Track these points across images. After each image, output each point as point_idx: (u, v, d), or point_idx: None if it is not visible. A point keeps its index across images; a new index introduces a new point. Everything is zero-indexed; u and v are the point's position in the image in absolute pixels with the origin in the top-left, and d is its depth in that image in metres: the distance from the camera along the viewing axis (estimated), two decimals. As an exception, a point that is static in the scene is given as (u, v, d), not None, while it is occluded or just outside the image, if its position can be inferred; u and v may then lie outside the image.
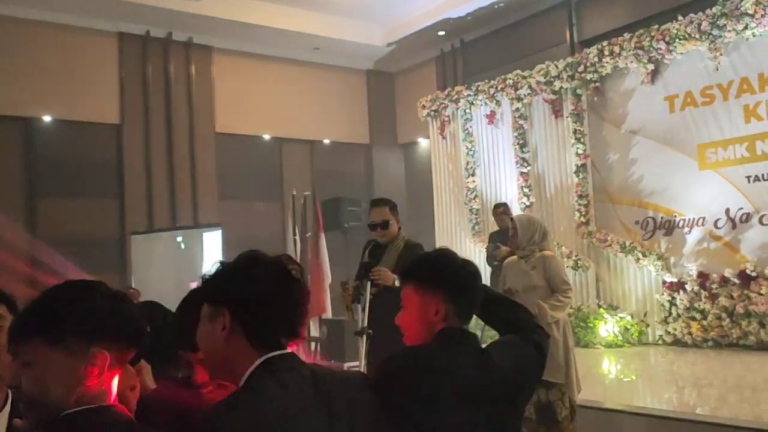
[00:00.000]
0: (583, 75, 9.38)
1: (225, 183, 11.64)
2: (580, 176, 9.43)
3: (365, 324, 3.58)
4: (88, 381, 1.30)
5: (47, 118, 10.29)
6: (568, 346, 4.35)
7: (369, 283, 3.77)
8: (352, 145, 13.35)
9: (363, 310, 3.68)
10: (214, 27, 11.11)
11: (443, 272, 1.89)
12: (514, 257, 4.67)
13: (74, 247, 10.10)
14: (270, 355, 1.47)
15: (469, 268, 1.93)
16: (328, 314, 8.37)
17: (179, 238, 9.41)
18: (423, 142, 13.04)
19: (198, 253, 9.05)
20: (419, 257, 2.02)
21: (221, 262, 1.57)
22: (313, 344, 7.92)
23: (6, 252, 9.67)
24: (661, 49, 8.49)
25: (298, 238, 8.68)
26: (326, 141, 13.00)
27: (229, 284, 1.51)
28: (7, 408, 1.88)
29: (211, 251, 8.97)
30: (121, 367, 1.38)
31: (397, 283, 3.95)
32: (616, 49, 8.98)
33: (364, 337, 3.55)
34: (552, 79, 9.68)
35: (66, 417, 1.29)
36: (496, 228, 8.56)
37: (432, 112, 11.56)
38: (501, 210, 7.98)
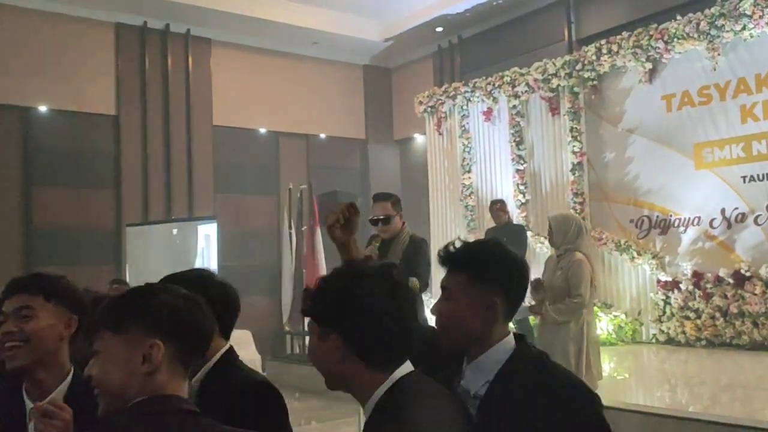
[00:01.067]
0: (580, 73, 9.40)
1: (221, 176, 11.62)
2: (576, 174, 9.45)
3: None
4: (146, 369, 1.38)
5: (44, 108, 10.24)
6: (582, 344, 4.36)
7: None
8: (348, 140, 13.33)
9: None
10: (212, 19, 11.07)
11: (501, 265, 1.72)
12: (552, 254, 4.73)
13: (70, 238, 10.09)
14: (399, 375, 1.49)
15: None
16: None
17: (175, 231, 9.39)
18: (419, 138, 13.03)
19: (193, 245, 9.03)
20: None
21: (323, 280, 1.56)
22: (307, 339, 7.92)
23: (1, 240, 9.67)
24: (659, 48, 8.51)
25: (293, 231, 8.68)
26: (322, 135, 12.98)
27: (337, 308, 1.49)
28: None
29: (207, 244, 8.95)
30: (183, 363, 1.44)
31: None
32: (615, 48, 9.00)
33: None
34: (549, 77, 9.69)
35: (135, 405, 1.37)
36: (491, 225, 8.58)
37: (429, 108, 11.56)
38: (498, 206, 7.98)
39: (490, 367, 1.63)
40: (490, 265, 1.69)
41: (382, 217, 4.41)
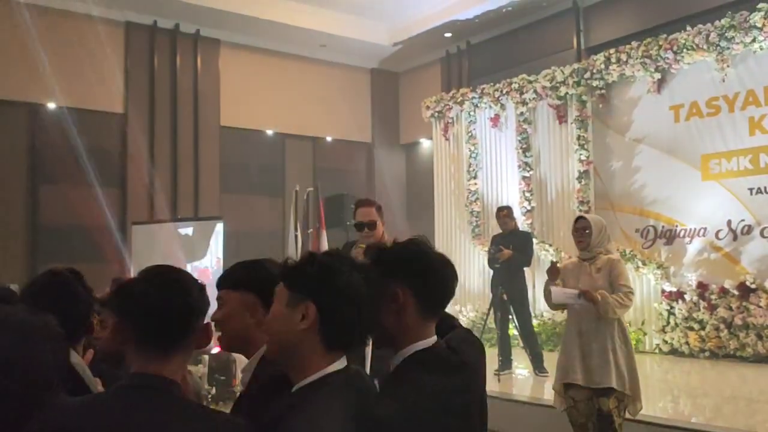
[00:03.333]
0: (589, 81, 9.40)
1: (227, 176, 11.65)
2: (583, 182, 9.45)
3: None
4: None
5: (52, 105, 10.28)
6: (630, 353, 4.29)
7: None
8: (355, 144, 13.36)
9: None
10: (221, 20, 11.11)
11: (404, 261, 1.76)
12: (573, 259, 4.59)
13: (75, 235, 10.11)
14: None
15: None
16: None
17: (180, 230, 9.40)
18: (425, 143, 13.05)
19: (199, 245, 9.03)
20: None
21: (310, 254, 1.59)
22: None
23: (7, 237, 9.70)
24: (668, 58, 8.52)
25: (299, 233, 8.67)
26: (329, 138, 13.01)
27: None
28: None
29: (212, 244, 8.96)
30: None
31: None
32: (623, 57, 9.00)
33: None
34: (558, 85, 9.70)
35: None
36: (496, 231, 8.57)
37: (436, 113, 11.57)
38: (504, 212, 7.98)
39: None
40: (395, 260, 1.74)
41: (367, 222, 4.40)
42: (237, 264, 2.07)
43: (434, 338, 1.73)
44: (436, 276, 1.75)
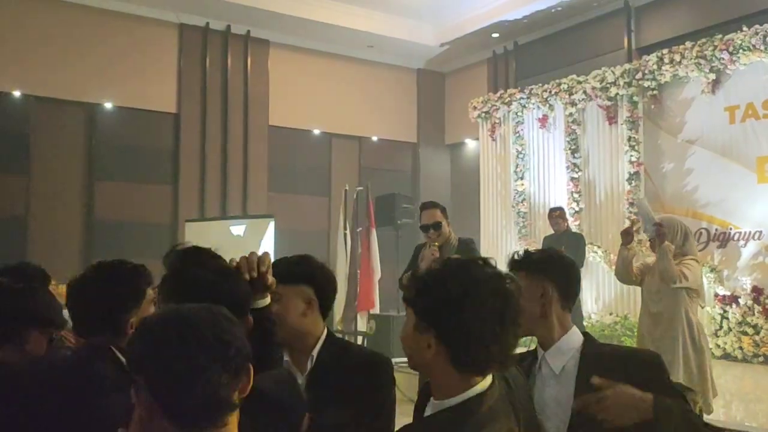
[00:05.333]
0: (640, 82, 9.30)
1: (274, 175, 11.82)
2: (633, 184, 9.36)
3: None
4: None
5: (109, 105, 10.57)
6: (702, 349, 4.26)
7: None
8: (400, 143, 13.43)
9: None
10: (271, 21, 11.28)
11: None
12: (653, 258, 4.54)
13: (129, 231, 10.38)
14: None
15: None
16: (376, 309, 8.47)
17: (232, 227, 9.58)
18: (470, 143, 13.05)
19: (250, 243, 9.20)
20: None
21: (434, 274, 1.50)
22: (360, 339, 8.01)
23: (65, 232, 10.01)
24: (723, 59, 8.39)
25: (348, 232, 8.79)
26: (374, 138, 13.10)
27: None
28: None
29: (263, 242, 9.11)
30: None
31: None
32: (677, 57, 8.89)
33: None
34: (608, 85, 9.63)
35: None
36: (543, 232, 8.57)
37: (483, 114, 11.58)
38: (557, 213, 7.96)
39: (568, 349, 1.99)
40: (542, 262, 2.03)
41: (432, 223, 4.61)
42: (284, 259, 2.14)
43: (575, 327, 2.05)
44: (573, 274, 2.09)
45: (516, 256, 2.08)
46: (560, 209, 8.08)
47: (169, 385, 1.11)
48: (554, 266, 2.04)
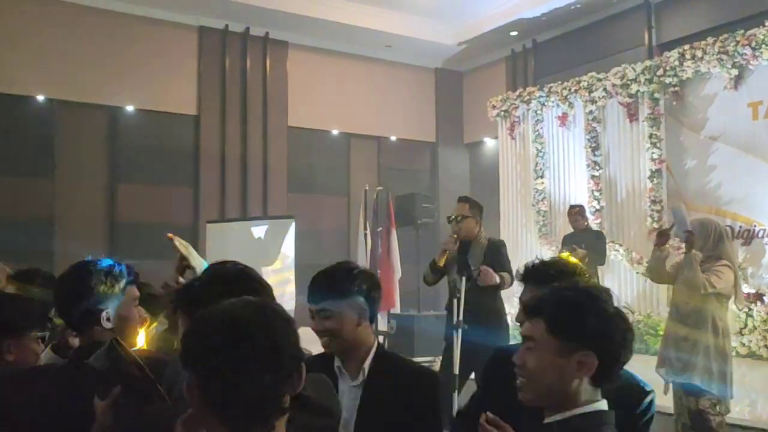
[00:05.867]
0: (662, 78, 9.22)
1: (294, 176, 11.87)
2: (655, 181, 9.28)
3: (461, 318, 3.65)
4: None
5: (130, 108, 10.68)
6: (725, 352, 4.21)
7: (464, 279, 3.85)
8: (419, 143, 13.44)
9: (459, 304, 3.74)
10: (290, 22, 11.33)
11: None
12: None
13: (151, 232, 10.46)
14: None
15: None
16: (397, 309, 8.47)
17: (253, 228, 9.63)
18: (489, 142, 13.02)
19: (272, 244, 9.25)
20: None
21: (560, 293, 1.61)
22: (380, 339, 8.03)
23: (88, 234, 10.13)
24: (746, 54, 8.30)
25: (368, 232, 8.80)
26: (393, 138, 13.12)
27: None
28: None
29: (284, 243, 9.15)
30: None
31: (497, 280, 4.09)
32: (698, 53, 8.80)
33: (460, 330, 3.62)
34: (629, 82, 9.55)
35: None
36: (564, 231, 8.52)
37: (502, 112, 11.54)
38: (576, 210, 7.92)
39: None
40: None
41: (454, 216, 4.79)
42: (326, 273, 2.13)
43: None
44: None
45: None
46: (579, 206, 8.03)
47: (218, 387, 1.10)
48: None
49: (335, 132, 12.48)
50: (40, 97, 10.08)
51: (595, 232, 8.24)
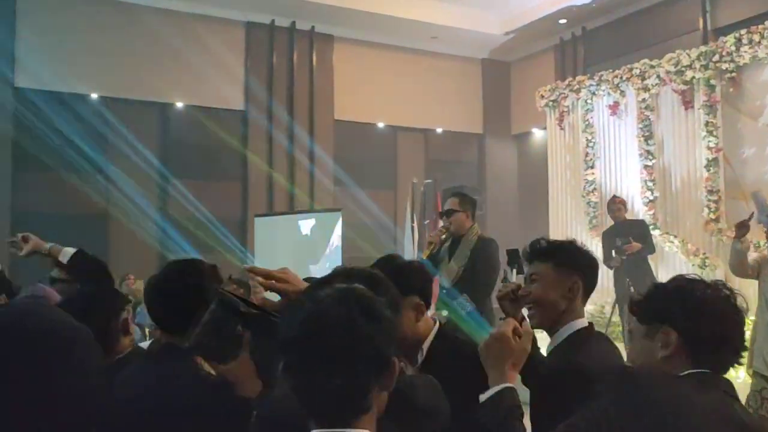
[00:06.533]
0: (718, 65, 8.92)
1: (340, 169, 11.89)
2: (711, 170, 9.00)
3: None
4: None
5: (180, 104, 10.84)
6: None
7: (514, 271, 3.77)
8: (465, 135, 13.31)
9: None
10: (335, 16, 11.33)
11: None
12: None
13: (201, 227, 10.63)
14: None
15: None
16: (445, 302, 8.40)
17: (300, 222, 9.69)
18: (537, 133, 12.82)
19: (319, 237, 9.29)
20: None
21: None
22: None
23: (142, 229, 10.35)
24: (808, 37, 7.96)
25: (416, 225, 8.75)
26: (439, 130, 13.02)
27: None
28: None
29: (333, 236, 9.18)
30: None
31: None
32: (756, 38, 8.48)
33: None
34: (683, 69, 9.26)
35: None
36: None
37: (550, 102, 11.33)
38: (619, 200, 7.83)
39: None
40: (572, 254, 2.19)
41: (445, 210, 4.86)
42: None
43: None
44: (597, 269, 2.27)
45: (540, 245, 2.20)
46: (621, 198, 7.96)
47: (302, 380, 1.16)
48: (583, 259, 2.17)
49: (381, 125, 12.45)
50: (94, 96, 10.32)
51: (638, 221, 8.13)
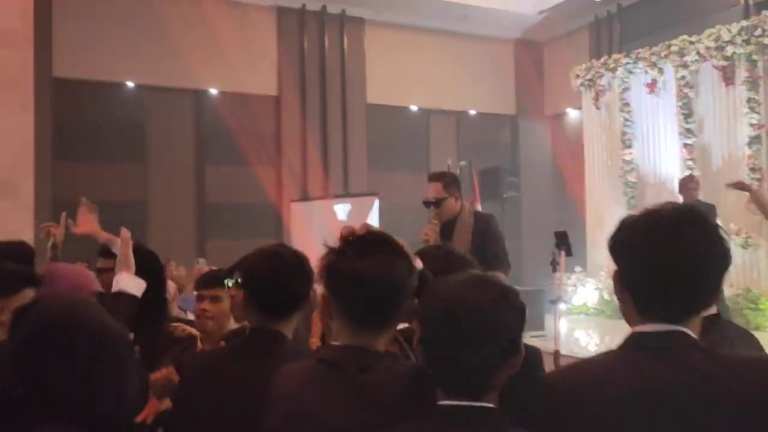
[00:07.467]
0: (760, 39, 8.68)
1: (373, 153, 11.88)
2: (753, 148, 8.79)
3: (560, 293, 3.56)
4: None
5: (214, 91, 10.91)
6: None
7: (563, 252, 3.74)
8: (499, 116, 13.20)
9: (558, 278, 3.64)
10: (366, -1, 11.28)
11: None
12: None
13: (237, 212, 10.73)
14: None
15: None
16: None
17: (336, 206, 9.72)
18: (572, 113, 12.65)
19: (354, 221, 9.30)
20: None
21: None
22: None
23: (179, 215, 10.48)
24: None
25: (451, 208, 8.71)
26: (472, 112, 12.92)
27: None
28: None
29: (368, 220, 9.19)
30: None
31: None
32: (801, 10, 8.25)
33: (558, 305, 3.53)
34: (724, 44, 9.03)
35: None
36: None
37: (586, 82, 11.16)
38: (696, 180, 7.52)
39: None
40: None
41: (432, 200, 4.04)
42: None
43: None
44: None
45: None
46: (697, 177, 7.66)
47: (439, 356, 1.31)
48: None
49: (414, 108, 12.40)
50: (130, 84, 10.43)
51: (708, 204, 7.86)
